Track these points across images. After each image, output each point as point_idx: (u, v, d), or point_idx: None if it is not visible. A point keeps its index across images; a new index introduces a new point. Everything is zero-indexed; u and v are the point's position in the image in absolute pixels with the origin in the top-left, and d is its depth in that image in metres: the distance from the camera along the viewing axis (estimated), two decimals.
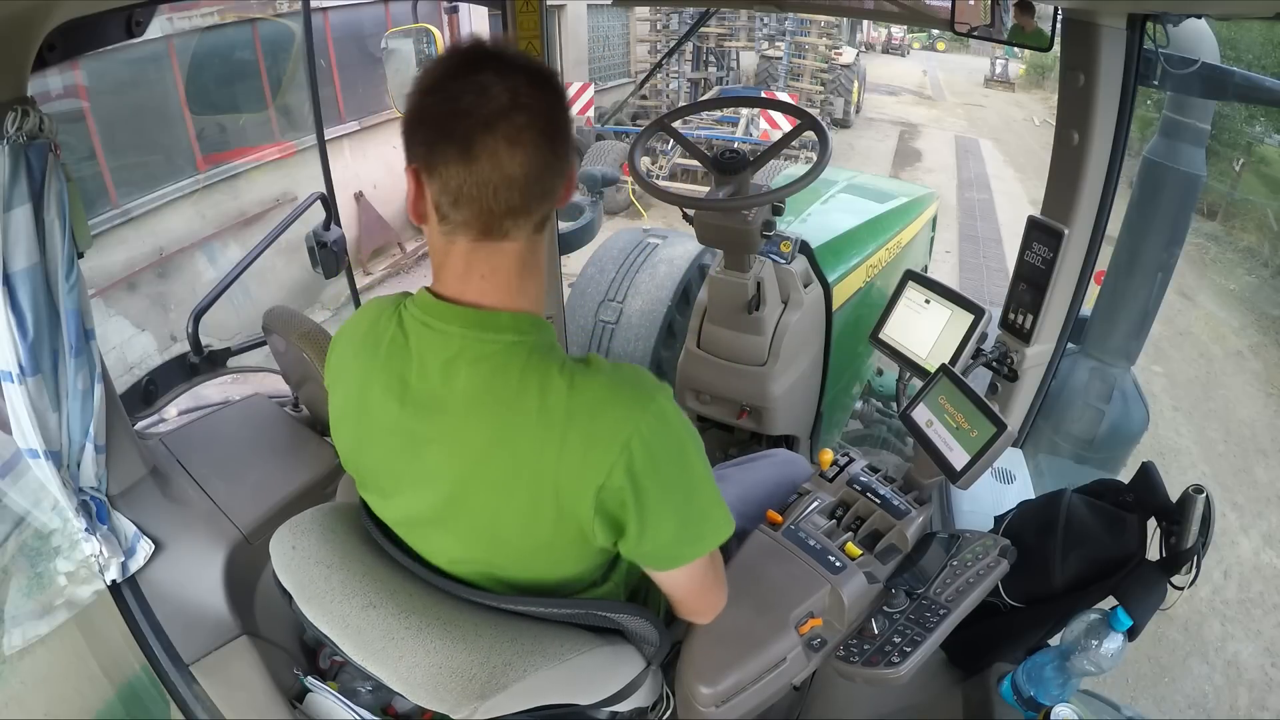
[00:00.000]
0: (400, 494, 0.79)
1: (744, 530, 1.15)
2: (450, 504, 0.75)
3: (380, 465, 0.79)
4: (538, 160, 0.67)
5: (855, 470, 1.15)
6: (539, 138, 0.67)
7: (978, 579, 0.96)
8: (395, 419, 0.74)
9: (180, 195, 5.49)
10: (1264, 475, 4.28)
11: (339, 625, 0.78)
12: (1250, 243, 7.77)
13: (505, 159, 0.65)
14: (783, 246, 1.73)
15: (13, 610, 1.24)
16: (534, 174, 0.67)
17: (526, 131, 0.66)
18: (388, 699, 1.21)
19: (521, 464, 0.70)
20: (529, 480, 0.70)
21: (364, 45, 6.92)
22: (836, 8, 3.69)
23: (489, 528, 0.75)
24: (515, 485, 0.71)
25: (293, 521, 0.85)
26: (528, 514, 0.72)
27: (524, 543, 0.75)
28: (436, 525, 0.78)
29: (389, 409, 0.74)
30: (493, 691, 0.73)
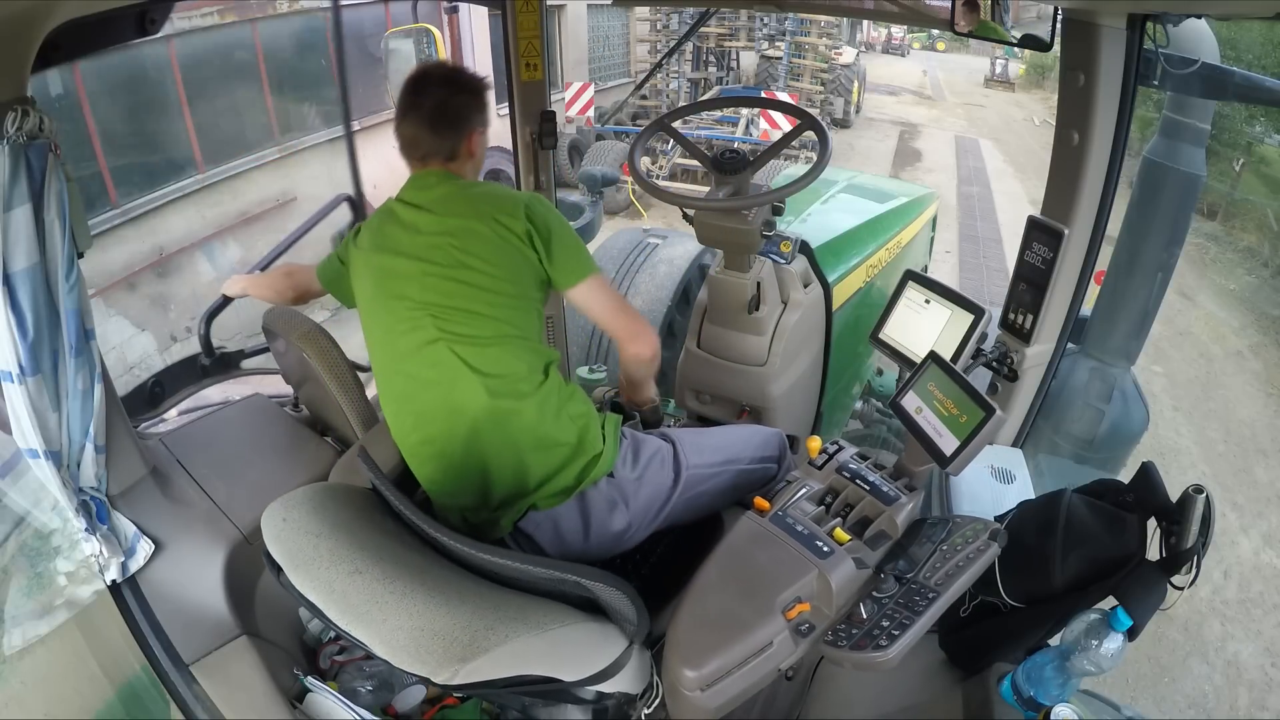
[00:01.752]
0: (408, 280, 1.17)
1: (719, 462, 1.30)
2: (438, 252, 1.16)
3: (393, 275, 1.19)
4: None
5: (844, 458, 1.15)
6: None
7: (967, 563, 0.96)
8: (405, 228, 1.21)
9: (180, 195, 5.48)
10: (1264, 475, 4.28)
11: (324, 591, 0.79)
12: (1250, 243, 7.77)
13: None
14: (783, 246, 1.73)
15: (13, 610, 1.24)
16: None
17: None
18: (388, 699, 1.21)
19: (487, 215, 1.19)
20: (478, 221, 1.19)
21: (364, 45, 6.91)
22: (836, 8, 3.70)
23: (460, 261, 1.16)
24: (469, 223, 1.18)
25: (285, 497, 0.87)
26: (482, 236, 1.17)
27: (482, 260, 1.16)
28: (422, 290, 1.16)
29: (399, 227, 1.22)
30: (474, 655, 0.73)
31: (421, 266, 1.17)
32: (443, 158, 1.25)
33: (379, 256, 1.21)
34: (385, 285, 1.20)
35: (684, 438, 1.30)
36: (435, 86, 1.24)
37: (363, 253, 1.24)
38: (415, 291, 1.16)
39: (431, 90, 1.24)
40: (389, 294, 1.19)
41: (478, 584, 0.82)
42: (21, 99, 0.96)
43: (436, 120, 1.23)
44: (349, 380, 1.40)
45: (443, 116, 1.24)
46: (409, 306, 1.16)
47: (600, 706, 0.94)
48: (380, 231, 1.24)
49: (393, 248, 1.20)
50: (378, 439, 1.23)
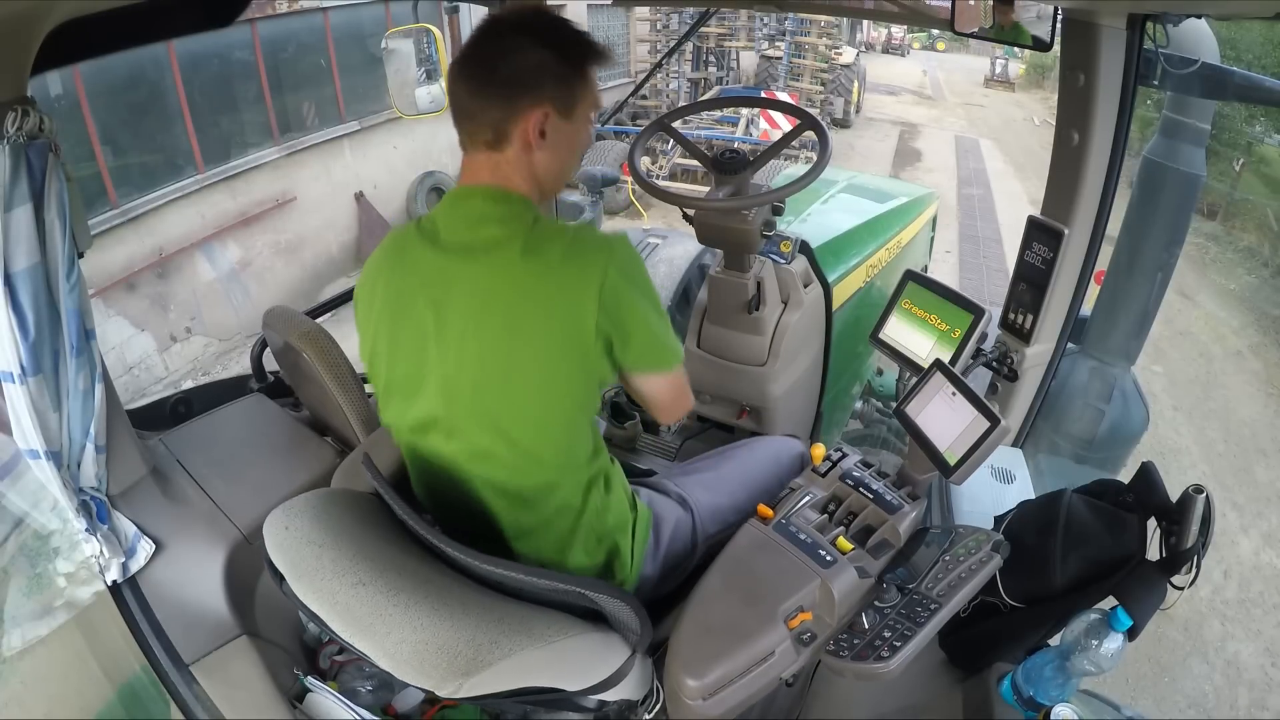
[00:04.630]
0: (426, 349, 0.89)
1: (721, 507, 1.18)
2: (473, 329, 0.86)
3: (407, 330, 0.90)
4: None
5: (848, 465, 1.15)
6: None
7: (970, 574, 0.96)
8: (425, 278, 0.88)
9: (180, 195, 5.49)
10: (1264, 475, 4.28)
11: (328, 602, 0.78)
12: (1250, 243, 7.77)
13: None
14: (783, 246, 1.73)
15: (13, 611, 1.24)
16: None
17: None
18: (388, 699, 1.21)
19: (536, 292, 0.84)
20: (542, 303, 0.84)
21: (364, 45, 6.92)
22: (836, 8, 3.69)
23: (504, 367, 0.86)
24: (526, 300, 0.84)
25: (287, 504, 0.86)
26: (539, 324, 0.84)
27: (535, 377, 0.86)
28: (456, 368, 0.87)
29: (420, 273, 0.89)
30: (478, 668, 0.73)
31: (437, 349, 0.88)
32: (485, 141, 0.88)
33: (432, 262, 0.89)
34: (395, 350, 0.92)
35: (701, 500, 1.17)
36: (506, 31, 0.87)
37: (371, 307, 0.94)
38: (431, 379, 0.90)
39: (496, 35, 0.87)
40: (400, 357, 0.92)
41: (481, 594, 0.82)
42: (21, 99, 0.96)
43: (483, 73, 0.86)
44: (349, 380, 1.40)
45: (493, 70, 0.85)
46: (422, 383, 0.91)
47: (601, 714, 0.94)
48: (394, 277, 0.92)
49: (406, 305, 0.90)
50: (380, 442, 1.22)
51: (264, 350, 1.67)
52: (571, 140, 0.92)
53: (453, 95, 0.90)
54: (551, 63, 0.86)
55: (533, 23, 0.87)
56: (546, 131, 0.88)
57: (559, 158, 0.92)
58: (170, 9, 1.24)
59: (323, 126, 6.72)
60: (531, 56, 0.85)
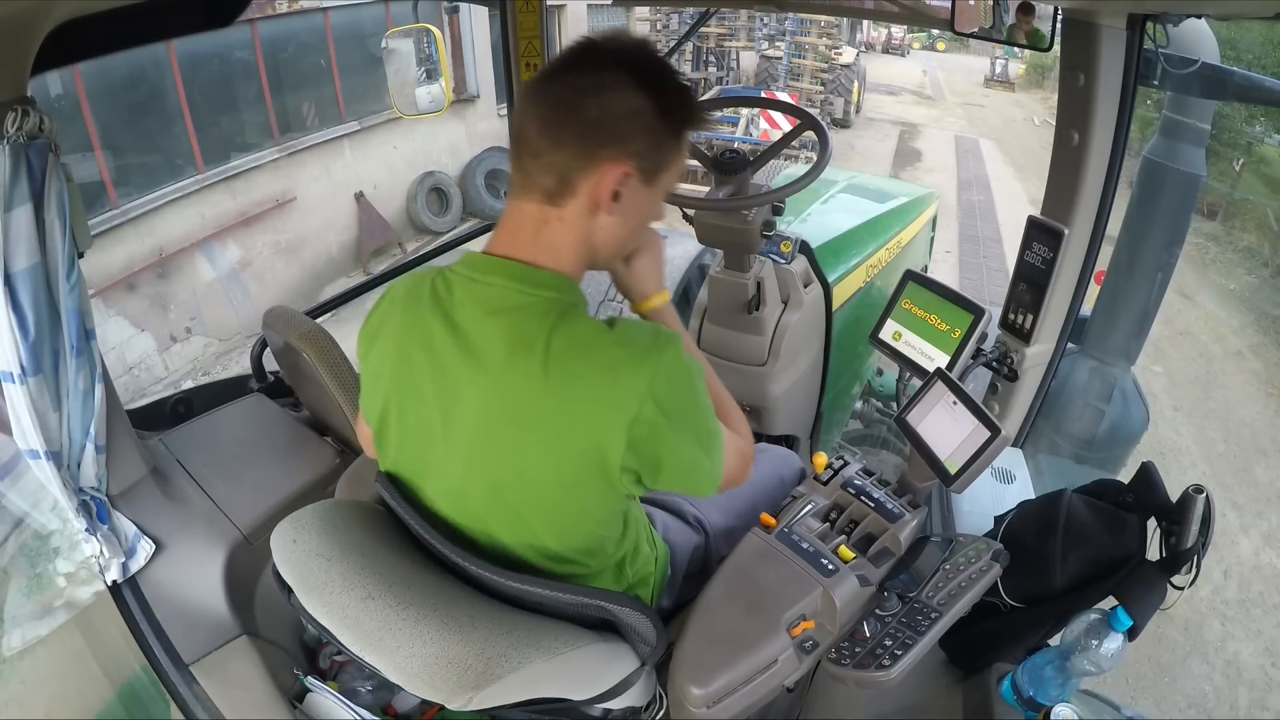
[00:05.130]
0: (431, 446, 0.79)
1: (734, 529, 1.15)
2: (481, 447, 0.75)
3: (413, 417, 0.79)
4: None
5: (849, 473, 1.16)
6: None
7: (970, 583, 0.96)
8: (435, 363, 0.76)
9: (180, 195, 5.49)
10: (1264, 475, 4.28)
11: (337, 616, 0.78)
12: (1250, 243, 7.77)
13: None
14: (783, 246, 1.73)
15: (13, 611, 1.24)
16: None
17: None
18: (388, 699, 1.21)
19: (556, 418, 0.72)
20: (562, 429, 0.72)
21: (364, 45, 6.92)
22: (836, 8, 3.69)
23: (516, 472, 0.75)
24: (544, 424, 0.72)
25: (293, 516, 0.86)
26: (556, 453, 0.73)
27: (549, 482, 0.75)
28: (464, 479, 0.79)
29: (430, 353, 0.76)
30: (487, 682, 0.73)
31: (444, 449, 0.78)
32: (543, 188, 0.72)
33: (440, 352, 0.76)
34: (404, 413, 0.80)
35: (716, 523, 1.15)
36: (606, 62, 0.71)
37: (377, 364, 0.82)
38: (439, 477, 0.81)
39: (592, 65, 0.71)
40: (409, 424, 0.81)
41: (489, 606, 0.82)
42: (21, 99, 0.96)
43: (564, 105, 0.70)
44: (349, 380, 1.40)
45: (578, 105, 0.70)
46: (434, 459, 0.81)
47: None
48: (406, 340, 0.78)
49: (415, 386, 0.78)
50: None
51: (264, 350, 1.67)
52: (645, 211, 0.78)
53: (519, 122, 0.73)
54: (648, 114, 0.71)
55: (636, 61, 0.71)
56: (622, 195, 0.72)
57: (626, 229, 0.77)
58: (170, 9, 1.25)
59: (323, 126, 6.73)
60: (628, 101, 0.70)
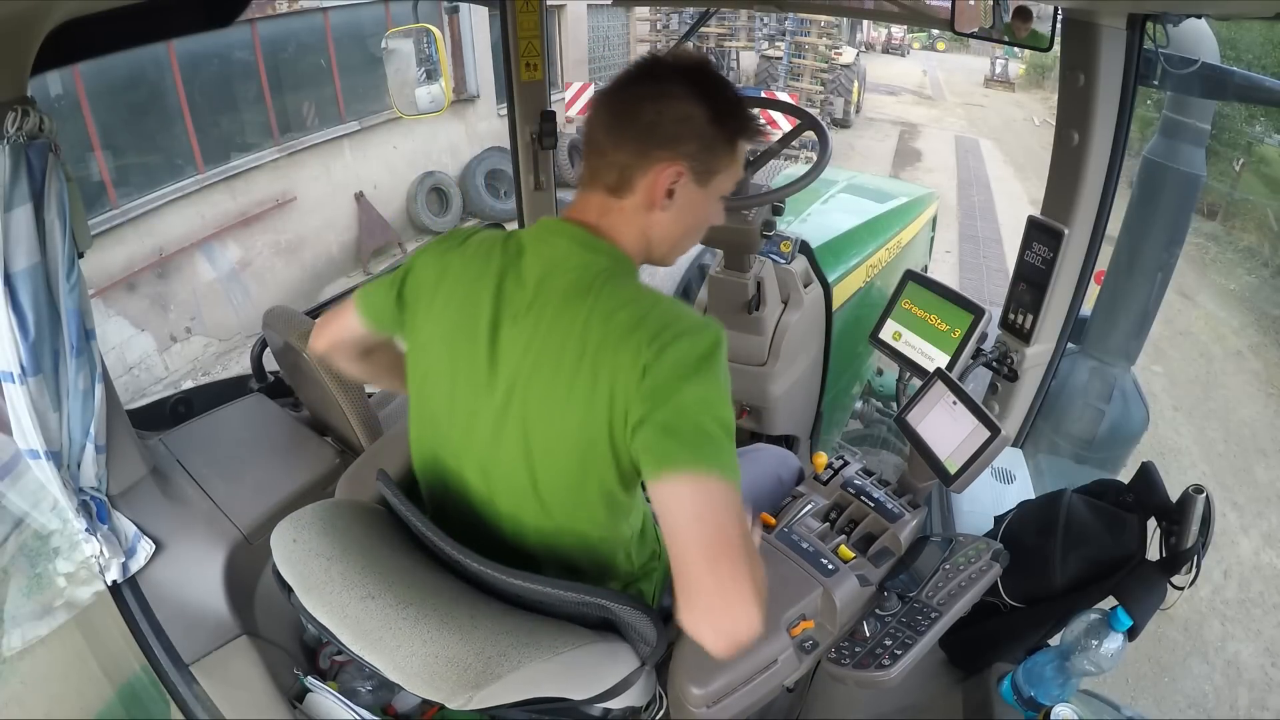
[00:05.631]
0: (475, 393, 0.82)
1: None
2: (519, 393, 0.79)
3: (459, 361, 0.82)
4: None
5: (849, 473, 1.16)
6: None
7: (970, 583, 0.96)
8: (495, 309, 0.80)
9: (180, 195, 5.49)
10: (1264, 475, 4.28)
11: (337, 615, 0.79)
12: (1250, 243, 7.77)
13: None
14: (783, 246, 1.73)
15: (12, 611, 1.24)
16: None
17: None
18: (387, 699, 1.21)
19: (592, 352, 0.75)
20: (594, 370, 0.74)
21: (364, 45, 6.92)
22: (836, 8, 3.69)
23: (546, 420, 0.78)
24: (579, 366, 0.75)
25: (293, 516, 0.86)
26: (584, 399, 0.75)
27: (573, 433, 0.77)
28: (497, 427, 0.81)
29: (493, 300, 0.80)
30: (487, 681, 0.73)
31: (487, 391, 0.81)
32: (606, 184, 0.80)
33: (500, 298, 0.81)
34: (456, 366, 0.83)
35: None
36: (664, 74, 0.79)
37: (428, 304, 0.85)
38: (478, 416, 0.82)
39: (652, 76, 0.79)
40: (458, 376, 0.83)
41: (489, 605, 0.82)
42: (21, 99, 0.96)
43: (626, 111, 0.79)
44: (349, 381, 1.40)
45: (636, 110, 0.78)
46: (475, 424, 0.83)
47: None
48: (457, 282, 0.83)
49: (468, 323, 0.81)
50: (386, 449, 1.22)
51: (264, 350, 1.67)
52: (699, 212, 0.84)
53: (588, 126, 0.82)
54: (701, 121, 0.78)
55: (694, 74, 0.79)
56: (675, 192, 0.80)
57: (680, 226, 0.83)
58: (170, 9, 1.25)
59: (323, 126, 6.72)
60: (682, 107, 0.77)
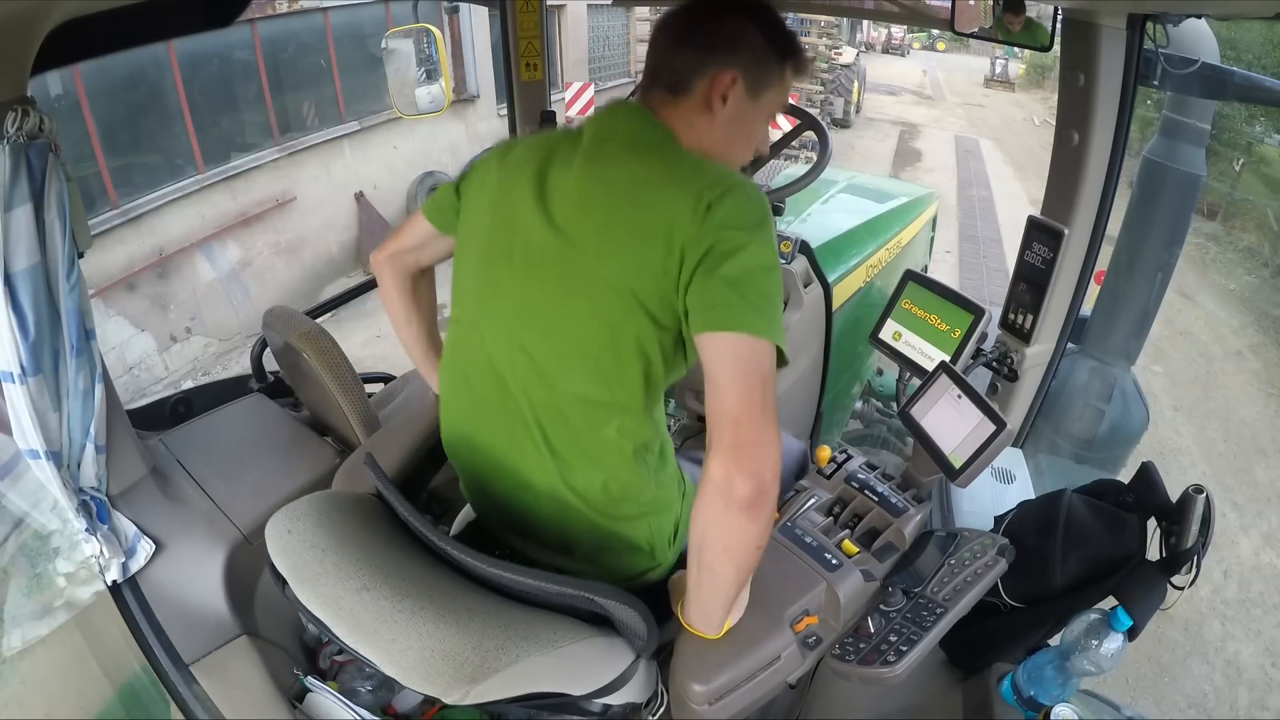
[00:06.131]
0: (504, 255, 0.86)
1: None
2: (563, 239, 0.82)
3: (500, 221, 0.86)
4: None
5: (853, 467, 1.15)
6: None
7: (975, 578, 0.96)
8: (542, 161, 0.85)
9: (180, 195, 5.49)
10: (1264, 475, 4.28)
11: (331, 607, 0.78)
12: (1250, 243, 7.78)
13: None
14: (783, 246, 1.73)
15: (12, 611, 1.24)
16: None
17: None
18: (388, 699, 1.21)
19: (654, 188, 0.79)
20: (649, 209, 0.78)
21: (364, 45, 6.92)
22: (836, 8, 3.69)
23: (595, 262, 0.80)
24: (636, 205, 0.79)
25: (289, 507, 0.85)
26: (639, 239, 0.78)
27: (621, 280, 0.79)
28: (520, 300, 0.85)
29: (542, 157, 0.85)
30: (484, 675, 0.73)
31: (524, 273, 0.85)
32: (666, 84, 0.85)
33: (493, 212, 0.87)
34: (487, 270, 0.88)
35: None
36: (725, 3, 0.85)
37: (482, 201, 0.90)
38: (509, 311, 0.87)
39: (712, 3, 0.86)
40: (487, 281, 0.88)
41: (485, 599, 0.81)
42: (21, 99, 0.96)
43: (685, 24, 0.85)
44: (349, 381, 1.40)
45: (697, 24, 0.84)
46: (499, 321, 0.88)
47: (605, 717, 0.94)
48: (514, 172, 0.87)
49: (508, 211, 0.85)
50: (382, 443, 1.22)
51: (264, 350, 1.67)
52: (749, 125, 0.88)
53: (654, 38, 0.88)
54: (756, 37, 0.84)
55: (750, 3, 0.85)
56: (729, 98, 0.84)
57: (730, 135, 0.87)
58: (170, 9, 1.24)
59: (323, 126, 6.72)
60: (740, 23, 0.83)
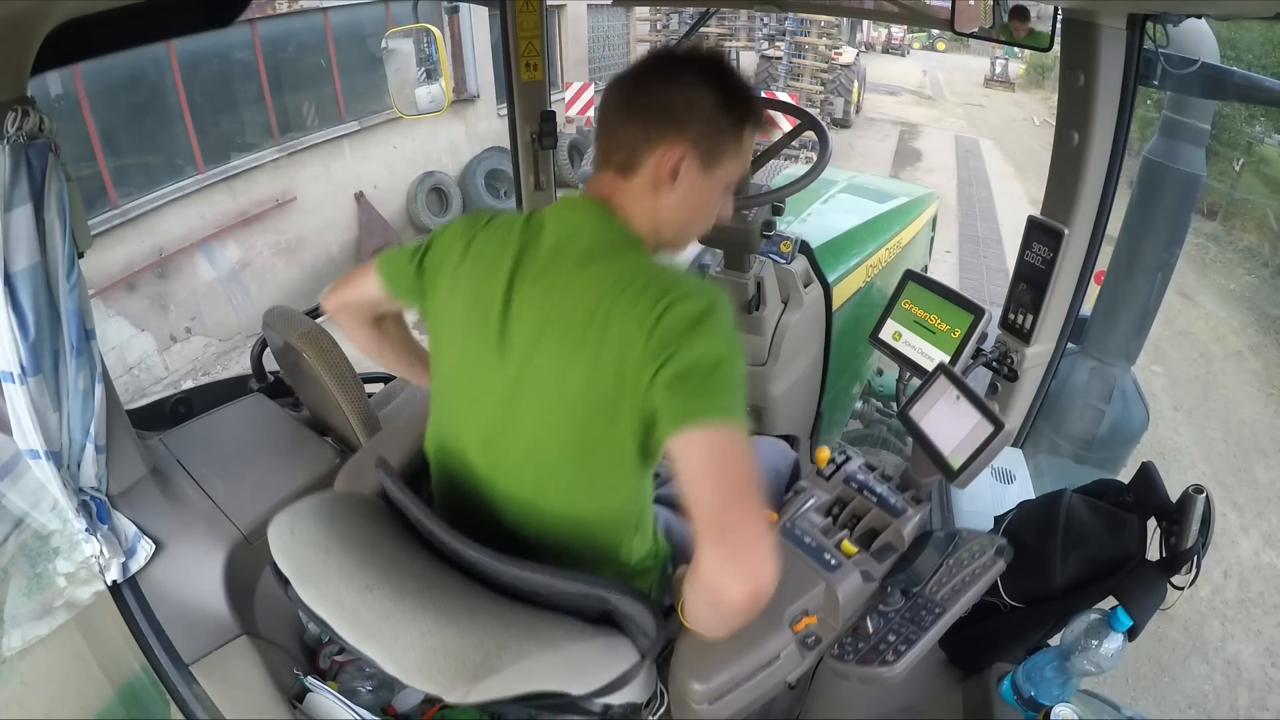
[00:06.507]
0: (485, 364, 0.83)
1: None
2: (532, 358, 0.80)
3: (473, 331, 0.84)
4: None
5: (852, 468, 1.15)
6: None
7: (974, 578, 0.96)
8: (511, 281, 0.82)
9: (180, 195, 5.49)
10: (1264, 475, 4.28)
11: (335, 608, 0.78)
12: (1250, 243, 7.78)
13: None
14: (783, 246, 1.73)
15: (12, 611, 1.24)
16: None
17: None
18: (388, 698, 1.21)
19: (603, 311, 0.76)
20: (602, 331, 0.75)
21: (364, 45, 6.92)
22: (836, 8, 3.69)
23: (557, 385, 0.78)
24: (588, 329, 0.76)
25: (292, 508, 0.86)
26: (594, 361, 0.76)
27: (581, 403, 0.78)
28: (509, 398, 0.82)
29: (511, 271, 0.82)
30: (485, 674, 0.73)
31: (499, 358, 0.82)
32: (616, 163, 0.82)
33: (461, 292, 0.85)
34: (468, 345, 0.85)
35: None
36: (676, 62, 0.82)
37: (449, 279, 0.87)
38: (487, 429, 0.85)
39: (664, 64, 0.82)
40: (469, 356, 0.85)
41: (487, 599, 0.81)
42: (21, 99, 0.96)
43: (635, 94, 0.81)
44: (349, 381, 1.40)
45: (646, 93, 0.80)
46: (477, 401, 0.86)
47: (606, 717, 0.94)
48: (478, 260, 0.85)
49: (485, 291, 0.83)
50: (385, 444, 1.22)
51: (264, 350, 1.67)
52: (705, 198, 0.85)
53: (601, 109, 0.84)
54: (708, 105, 0.79)
55: (704, 62, 0.81)
56: (680, 174, 0.80)
57: (687, 210, 0.84)
58: (170, 9, 1.25)
59: (323, 126, 6.72)
60: (690, 91, 0.79)
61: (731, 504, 0.70)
